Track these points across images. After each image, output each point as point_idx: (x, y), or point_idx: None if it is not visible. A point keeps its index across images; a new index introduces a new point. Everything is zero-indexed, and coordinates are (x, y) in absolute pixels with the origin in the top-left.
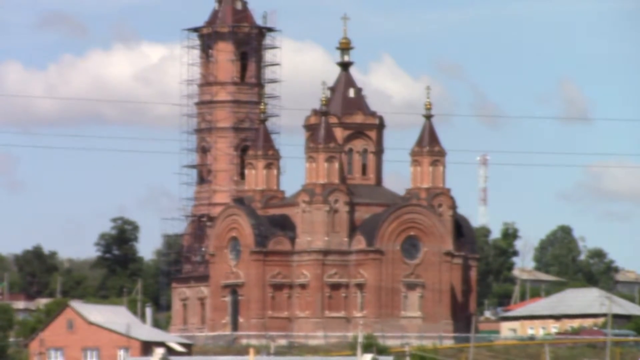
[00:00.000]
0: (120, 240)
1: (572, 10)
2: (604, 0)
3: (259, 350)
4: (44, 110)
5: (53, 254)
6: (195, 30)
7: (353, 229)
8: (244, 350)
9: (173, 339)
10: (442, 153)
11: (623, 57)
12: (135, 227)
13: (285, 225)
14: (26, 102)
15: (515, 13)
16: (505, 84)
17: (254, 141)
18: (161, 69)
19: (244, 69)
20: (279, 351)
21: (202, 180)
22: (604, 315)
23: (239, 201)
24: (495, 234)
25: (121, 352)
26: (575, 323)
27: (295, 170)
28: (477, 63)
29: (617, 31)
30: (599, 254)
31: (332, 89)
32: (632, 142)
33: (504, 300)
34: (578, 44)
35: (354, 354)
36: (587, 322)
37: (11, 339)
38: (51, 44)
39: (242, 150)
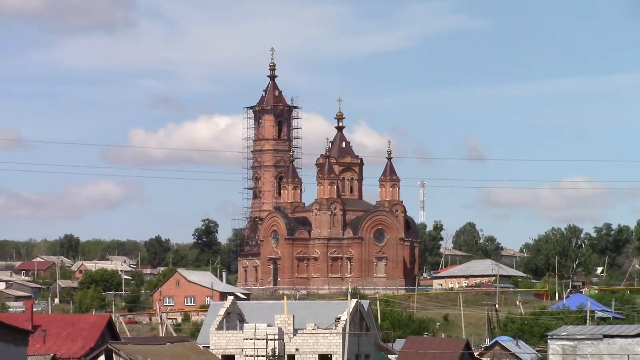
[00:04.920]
0: (207, 232)
1: (473, 97)
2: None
3: (289, 297)
4: (157, 156)
5: (167, 240)
6: (251, 107)
7: (345, 225)
8: (280, 297)
9: (239, 291)
10: (397, 180)
11: (509, 121)
12: (216, 224)
13: (305, 223)
14: (146, 151)
15: (440, 96)
16: (434, 138)
17: (286, 174)
18: (226, 131)
19: (279, 130)
20: (301, 297)
21: (255, 196)
22: (494, 275)
23: (278, 209)
24: (429, 227)
25: (208, 299)
26: (477, 280)
27: (311, 191)
28: (418, 126)
29: (507, 102)
30: (491, 239)
31: (332, 142)
32: (507, 173)
33: (435, 266)
34: (479, 111)
35: (346, 299)
36: (485, 280)
37: (142, 291)
38: (160, 116)
39: (279, 179)
